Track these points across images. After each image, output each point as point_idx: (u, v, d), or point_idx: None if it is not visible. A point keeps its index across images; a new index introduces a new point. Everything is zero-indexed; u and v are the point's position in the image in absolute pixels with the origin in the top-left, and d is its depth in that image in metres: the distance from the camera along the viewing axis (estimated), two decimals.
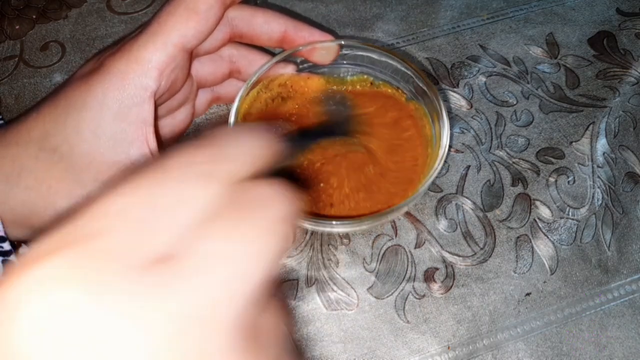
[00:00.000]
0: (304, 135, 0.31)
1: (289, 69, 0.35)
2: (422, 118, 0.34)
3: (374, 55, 0.34)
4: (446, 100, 0.40)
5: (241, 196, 0.16)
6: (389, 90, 0.35)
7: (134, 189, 0.16)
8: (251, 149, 0.18)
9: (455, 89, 0.40)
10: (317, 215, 0.31)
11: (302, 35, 0.33)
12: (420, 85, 0.33)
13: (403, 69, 0.33)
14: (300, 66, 0.35)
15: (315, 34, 0.33)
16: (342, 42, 0.34)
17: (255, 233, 0.16)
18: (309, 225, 0.29)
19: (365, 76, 0.36)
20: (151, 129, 0.28)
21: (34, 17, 0.45)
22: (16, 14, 0.45)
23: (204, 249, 0.15)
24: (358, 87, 0.36)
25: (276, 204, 0.17)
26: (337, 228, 0.30)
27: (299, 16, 0.44)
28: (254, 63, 0.34)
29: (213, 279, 0.14)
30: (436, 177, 0.30)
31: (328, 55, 0.34)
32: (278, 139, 0.20)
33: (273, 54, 0.34)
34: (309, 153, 0.32)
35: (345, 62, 0.35)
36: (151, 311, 0.13)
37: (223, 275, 0.14)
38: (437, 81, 0.41)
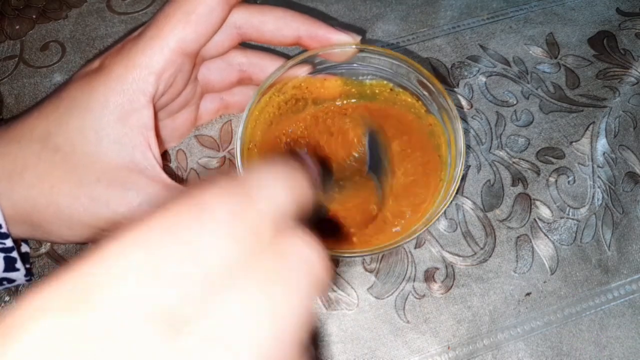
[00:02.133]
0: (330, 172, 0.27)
1: (304, 70, 0.33)
2: (439, 136, 0.32)
3: (395, 62, 0.32)
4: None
5: (272, 248, 0.14)
6: (409, 100, 0.34)
7: (146, 235, 0.13)
8: (289, 188, 0.16)
9: (455, 89, 0.40)
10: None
11: (318, 39, 0.31)
12: (442, 103, 0.31)
13: (424, 81, 0.32)
14: (317, 67, 0.33)
15: (332, 36, 0.31)
16: (362, 47, 0.32)
17: (283, 299, 0.14)
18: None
19: (385, 82, 0.34)
20: (152, 133, 0.29)
21: (34, 17, 0.45)
22: (16, 14, 0.45)
23: (220, 315, 0.13)
24: (377, 91, 0.34)
25: (311, 268, 0.15)
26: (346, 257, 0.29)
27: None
28: (265, 70, 0.33)
29: (229, 351, 0.13)
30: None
31: (345, 55, 0.32)
32: (313, 176, 0.17)
33: (286, 56, 0.33)
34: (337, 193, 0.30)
35: (364, 64, 0.34)
36: None
37: (241, 347, 0.13)
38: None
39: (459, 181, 0.29)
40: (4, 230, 0.27)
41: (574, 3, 0.45)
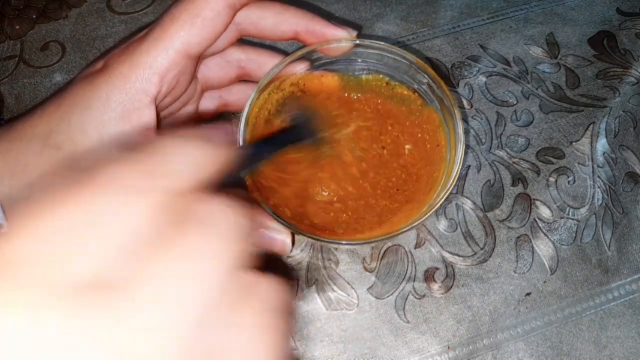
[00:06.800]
0: (268, 141, 0.29)
1: (301, 67, 0.33)
2: (436, 131, 0.32)
3: (391, 55, 0.33)
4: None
5: (184, 212, 0.15)
6: (405, 92, 0.34)
7: (60, 208, 0.14)
8: (196, 158, 0.17)
9: (455, 89, 0.40)
10: (320, 233, 0.30)
11: (315, 34, 0.31)
12: (438, 93, 0.32)
13: (420, 72, 0.32)
14: (315, 63, 0.33)
15: (329, 31, 0.31)
16: (358, 42, 0.32)
17: (197, 254, 0.15)
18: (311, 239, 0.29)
19: (381, 75, 0.34)
20: (154, 133, 0.29)
21: (34, 17, 0.45)
22: (16, 14, 0.45)
23: (142, 275, 0.14)
24: (373, 85, 0.34)
25: (222, 221, 0.16)
26: (343, 246, 0.29)
27: None
28: (263, 66, 0.33)
29: (153, 307, 0.13)
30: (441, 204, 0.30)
31: (341, 50, 0.32)
32: (229, 145, 0.18)
33: (283, 52, 0.33)
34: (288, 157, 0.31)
35: (361, 59, 0.34)
36: (89, 342, 0.12)
37: (164, 303, 0.14)
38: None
39: (461, 165, 0.29)
40: (4, 230, 0.27)
41: (574, 3, 0.45)
